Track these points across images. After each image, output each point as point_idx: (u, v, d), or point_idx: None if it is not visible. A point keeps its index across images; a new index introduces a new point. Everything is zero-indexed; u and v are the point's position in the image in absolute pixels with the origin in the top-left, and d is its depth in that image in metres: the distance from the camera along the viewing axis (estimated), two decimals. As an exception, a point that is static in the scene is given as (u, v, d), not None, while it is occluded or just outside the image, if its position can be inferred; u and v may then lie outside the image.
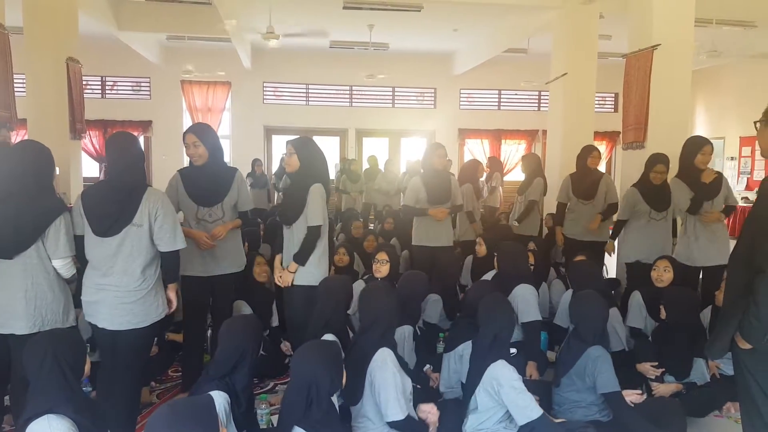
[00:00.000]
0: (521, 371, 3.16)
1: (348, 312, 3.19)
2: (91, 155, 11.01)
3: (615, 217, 4.75)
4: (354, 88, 12.03)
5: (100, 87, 11.15)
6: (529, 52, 9.70)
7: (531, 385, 2.88)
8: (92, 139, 11.01)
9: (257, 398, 2.87)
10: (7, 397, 2.91)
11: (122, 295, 2.59)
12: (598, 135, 11.21)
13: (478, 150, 12.32)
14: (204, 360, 3.55)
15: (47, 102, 5.62)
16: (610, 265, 5.48)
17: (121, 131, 2.99)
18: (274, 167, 10.58)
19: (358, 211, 8.48)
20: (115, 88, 11.33)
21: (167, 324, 3.96)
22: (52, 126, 5.59)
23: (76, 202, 2.71)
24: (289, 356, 3.89)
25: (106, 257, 2.57)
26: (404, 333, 3.25)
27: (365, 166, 9.86)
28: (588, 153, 5.06)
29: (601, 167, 5.37)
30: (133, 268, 2.59)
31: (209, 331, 3.65)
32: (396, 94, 12.20)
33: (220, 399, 2.27)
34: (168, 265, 2.74)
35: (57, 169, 5.03)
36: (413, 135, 12.41)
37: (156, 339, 3.53)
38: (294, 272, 3.24)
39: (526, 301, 3.51)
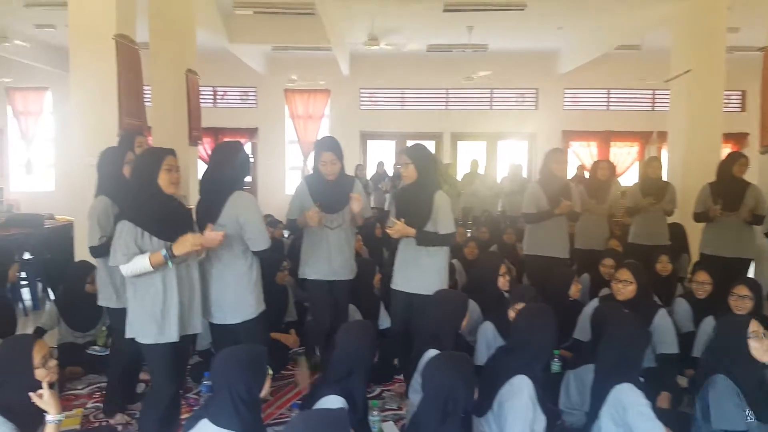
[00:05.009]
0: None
1: (460, 330, 3.06)
2: (204, 160, 11.71)
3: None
4: (450, 91, 11.88)
5: (212, 97, 11.86)
6: (642, 48, 9.08)
7: (664, 416, 2.63)
8: (204, 146, 11.70)
9: (369, 404, 2.84)
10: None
11: (221, 288, 2.79)
12: (724, 137, 10.25)
13: (584, 154, 11.73)
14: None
15: (169, 111, 6.00)
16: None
17: (225, 141, 3.15)
18: (369, 173, 10.71)
19: (455, 216, 8.30)
20: (225, 97, 12.01)
21: (277, 323, 4.08)
22: (173, 133, 5.95)
23: None
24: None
25: (207, 252, 2.75)
26: None
27: (463, 170, 9.69)
28: (734, 160, 4.59)
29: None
30: (224, 263, 2.78)
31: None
32: (494, 95, 11.90)
33: (338, 405, 2.29)
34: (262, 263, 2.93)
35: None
36: (512, 138, 12.01)
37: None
38: (413, 235, 3.20)
39: (664, 331, 3.24)
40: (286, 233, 6.13)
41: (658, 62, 7.68)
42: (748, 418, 2.36)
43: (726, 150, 6.45)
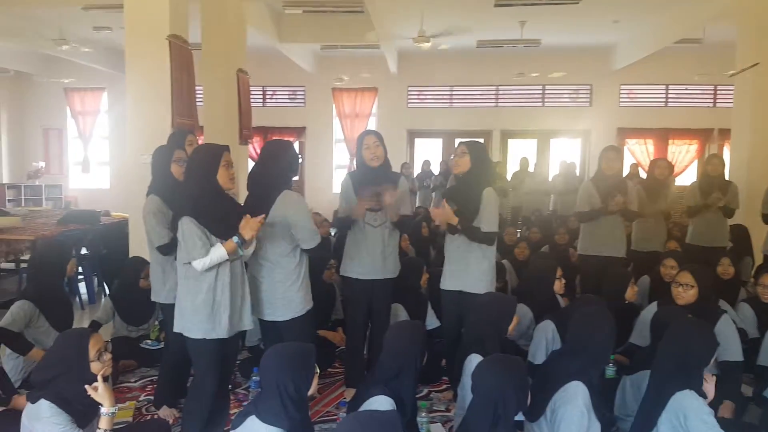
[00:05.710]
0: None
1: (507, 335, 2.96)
2: (253, 159, 11.93)
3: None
4: (500, 88, 11.66)
5: (261, 96, 12.06)
6: (704, 41, 8.63)
7: (727, 426, 2.46)
8: (253, 144, 11.92)
9: (418, 405, 2.79)
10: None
11: (270, 286, 2.79)
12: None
13: (640, 152, 11.30)
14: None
15: (220, 110, 6.10)
16: None
17: (274, 140, 3.14)
18: (416, 171, 10.63)
19: (504, 215, 8.14)
20: (274, 96, 12.21)
21: (324, 321, 4.09)
22: (224, 132, 6.04)
23: None
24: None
25: (256, 251, 2.75)
26: None
27: (513, 168, 9.50)
28: None
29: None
30: (272, 262, 2.78)
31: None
32: (546, 92, 11.59)
33: (387, 405, 2.26)
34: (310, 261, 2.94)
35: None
36: (564, 135, 11.68)
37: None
38: (456, 224, 3.16)
39: (728, 338, 3.03)
40: (332, 231, 6.15)
41: (720, 56, 7.31)
42: None
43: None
